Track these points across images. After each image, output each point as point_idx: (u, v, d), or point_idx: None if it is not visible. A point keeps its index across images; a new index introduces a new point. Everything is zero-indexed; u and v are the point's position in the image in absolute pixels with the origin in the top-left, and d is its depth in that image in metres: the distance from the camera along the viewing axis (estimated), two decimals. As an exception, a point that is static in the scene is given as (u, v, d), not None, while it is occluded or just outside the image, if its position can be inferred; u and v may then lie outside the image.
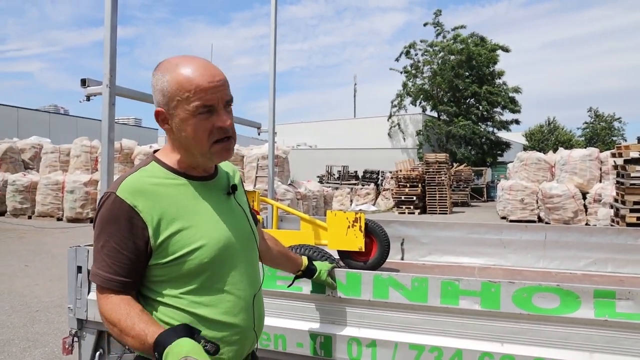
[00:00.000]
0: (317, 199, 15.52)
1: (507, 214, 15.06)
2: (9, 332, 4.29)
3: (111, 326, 1.06)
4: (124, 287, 1.09)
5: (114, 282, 1.08)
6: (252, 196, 3.73)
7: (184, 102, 1.11)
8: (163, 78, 1.13)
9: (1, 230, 11.25)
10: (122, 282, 1.08)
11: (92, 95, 2.40)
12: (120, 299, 1.08)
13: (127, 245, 1.08)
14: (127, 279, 1.09)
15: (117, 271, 1.08)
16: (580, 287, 1.56)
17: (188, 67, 1.12)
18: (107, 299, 1.08)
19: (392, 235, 3.94)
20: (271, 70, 4.35)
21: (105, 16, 2.33)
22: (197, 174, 1.20)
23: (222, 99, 1.14)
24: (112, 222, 1.08)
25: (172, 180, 1.16)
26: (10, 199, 13.82)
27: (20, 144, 16.15)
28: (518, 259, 3.72)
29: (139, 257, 1.09)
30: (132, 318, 1.04)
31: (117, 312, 1.05)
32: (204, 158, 1.17)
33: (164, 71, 1.14)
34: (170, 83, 1.11)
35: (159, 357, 0.95)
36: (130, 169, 1.18)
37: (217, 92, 1.13)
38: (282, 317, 1.91)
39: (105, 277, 1.08)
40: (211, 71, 1.14)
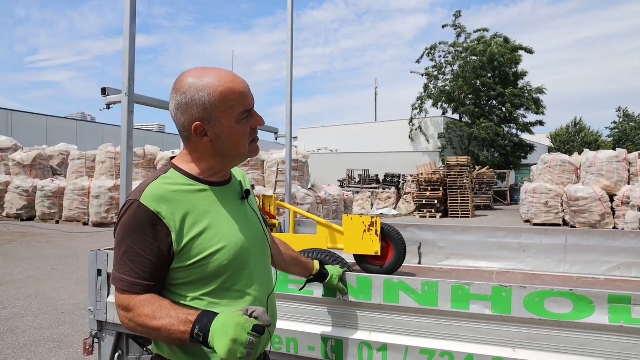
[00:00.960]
0: (337, 203, 15.52)
1: (531, 218, 14.76)
2: (36, 333, 4.43)
3: (142, 318, 1.08)
4: (148, 290, 1.13)
5: (138, 286, 1.12)
6: (269, 201, 3.78)
7: (229, 111, 1.16)
8: (200, 93, 1.15)
9: (30, 234, 11.62)
10: (146, 286, 1.12)
11: (112, 103, 2.48)
12: (149, 295, 1.12)
13: (151, 250, 1.11)
14: (151, 282, 1.13)
15: (141, 275, 1.11)
16: (594, 292, 1.53)
17: (225, 78, 1.17)
18: (133, 299, 1.11)
19: (409, 239, 3.93)
20: (288, 76, 4.40)
21: (124, 28, 2.41)
22: (214, 180, 1.25)
23: (254, 101, 1.23)
24: (137, 228, 1.12)
25: (191, 186, 1.20)
26: (39, 204, 14.26)
27: (49, 150, 16.65)
28: (538, 263, 3.66)
29: (162, 262, 1.13)
30: (166, 308, 1.08)
31: (150, 304, 1.09)
32: (242, 159, 1.25)
33: (201, 89, 1.15)
34: (212, 96, 1.15)
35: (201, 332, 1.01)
36: (150, 176, 1.22)
37: (250, 96, 1.21)
38: (294, 321, 1.93)
39: (130, 281, 1.11)
40: (239, 78, 1.20)
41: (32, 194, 14.52)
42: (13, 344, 4.14)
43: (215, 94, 1.15)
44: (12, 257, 8.45)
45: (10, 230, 12.40)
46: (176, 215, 1.13)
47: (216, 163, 1.23)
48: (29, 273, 7.01)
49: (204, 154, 1.22)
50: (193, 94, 1.16)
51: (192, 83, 1.17)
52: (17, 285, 6.30)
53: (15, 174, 15.47)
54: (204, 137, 1.19)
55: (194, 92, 1.16)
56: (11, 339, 4.28)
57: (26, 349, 4.02)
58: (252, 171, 14.24)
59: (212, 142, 1.19)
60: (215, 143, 1.19)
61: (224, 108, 1.16)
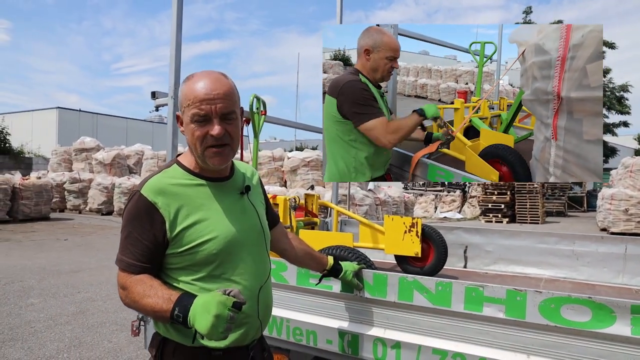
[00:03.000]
0: (397, 205, 15.35)
1: (608, 226, 13.71)
2: (103, 316, 4.85)
3: (134, 295, 1.21)
4: (143, 271, 1.25)
5: (135, 267, 1.25)
6: (311, 200, 3.86)
7: (187, 109, 1.28)
8: (182, 85, 1.32)
9: (107, 227, 12.62)
10: (142, 267, 1.25)
11: (160, 106, 2.68)
12: (143, 275, 1.24)
13: (147, 236, 1.24)
14: (147, 264, 1.25)
15: (138, 258, 1.25)
16: (615, 301, 1.46)
17: (197, 80, 1.28)
18: (129, 277, 1.25)
19: (455, 242, 3.84)
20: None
21: (170, 36, 2.60)
22: (212, 176, 1.35)
23: (217, 111, 1.26)
24: (136, 216, 1.26)
25: (190, 181, 1.32)
26: (117, 200, 15.43)
27: (126, 150, 17.98)
28: (593, 272, 3.43)
29: (157, 247, 1.25)
30: (155, 287, 1.20)
31: (142, 283, 1.22)
32: (200, 160, 1.32)
33: (185, 81, 1.32)
34: (182, 91, 1.30)
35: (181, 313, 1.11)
36: (156, 170, 1.36)
37: (212, 103, 1.25)
38: (313, 314, 1.99)
39: (129, 262, 1.25)
40: (213, 85, 1.26)
41: (110, 191, 15.74)
42: (83, 324, 4.56)
43: (183, 90, 1.29)
44: (91, 247, 9.25)
45: (91, 223, 13.55)
46: (171, 206, 1.25)
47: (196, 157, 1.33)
48: (103, 262, 7.64)
49: (189, 147, 1.34)
50: (181, 87, 1.32)
51: (186, 78, 1.32)
52: (91, 272, 6.90)
53: (97, 171, 16.88)
54: (181, 127, 1.33)
55: (181, 84, 1.33)
56: (82, 319, 4.71)
57: (93, 329, 4.42)
58: (312, 172, 14.46)
59: (185, 134, 1.32)
60: (185, 135, 1.32)
61: (185, 104, 1.28)
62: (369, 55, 2.58)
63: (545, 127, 2.41)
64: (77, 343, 4.09)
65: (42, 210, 13.87)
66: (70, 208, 16.39)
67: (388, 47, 2.58)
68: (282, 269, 2.04)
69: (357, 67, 2.63)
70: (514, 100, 3.73)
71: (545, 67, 2.23)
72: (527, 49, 2.34)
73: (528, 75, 2.40)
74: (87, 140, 18.18)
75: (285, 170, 14.95)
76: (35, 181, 13.93)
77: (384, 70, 2.61)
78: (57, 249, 8.85)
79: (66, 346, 4.01)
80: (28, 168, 23.22)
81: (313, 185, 13.64)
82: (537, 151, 2.55)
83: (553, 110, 2.25)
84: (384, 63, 2.59)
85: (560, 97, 2.21)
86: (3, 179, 13.04)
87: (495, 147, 3.17)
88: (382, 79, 2.65)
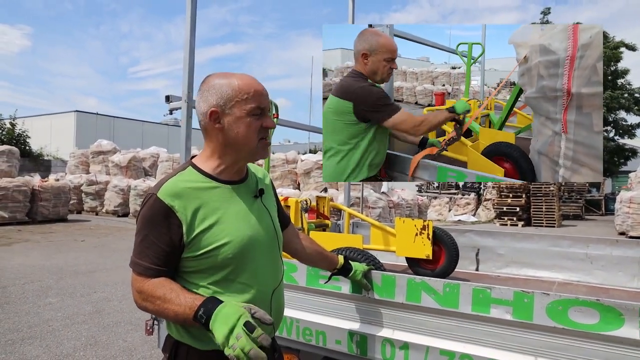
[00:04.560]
0: (410, 207, 15.30)
1: (626, 230, 13.47)
2: (118, 315, 4.93)
3: (154, 299, 1.22)
4: (160, 274, 1.26)
5: (152, 270, 1.25)
6: (323, 202, 3.89)
7: (242, 103, 1.29)
8: (221, 82, 1.31)
9: (124, 229, 12.81)
10: (158, 271, 1.25)
11: (173, 109, 2.73)
12: (162, 279, 1.25)
13: (164, 239, 1.24)
14: (163, 268, 1.26)
15: (154, 261, 1.25)
16: (623, 304, 1.45)
17: (245, 77, 1.33)
18: (147, 281, 1.25)
19: (467, 244, 3.83)
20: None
21: (184, 41, 2.65)
22: (228, 179, 1.36)
23: (268, 105, 1.35)
24: (153, 219, 1.25)
25: (206, 184, 1.32)
26: (132, 202, 15.65)
27: (142, 153, 18.23)
28: (607, 276, 3.39)
29: (174, 250, 1.26)
30: (176, 291, 1.21)
31: (162, 287, 1.22)
32: (250, 153, 1.34)
33: (221, 78, 1.32)
34: (231, 87, 1.29)
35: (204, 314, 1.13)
36: (170, 173, 1.36)
37: (267, 98, 1.34)
38: (323, 315, 2.02)
39: (144, 265, 1.25)
40: (259, 83, 1.35)
41: (126, 193, 15.98)
42: (98, 324, 4.65)
43: (232, 85, 1.30)
44: (107, 248, 9.40)
45: (107, 224, 13.77)
46: (188, 209, 1.25)
47: (227, 156, 1.34)
48: (119, 263, 7.77)
49: (216, 146, 1.34)
50: (214, 84, 1.31)
51: (216, 77, 1.34)
52: (107, 273, 7.02)
53: (113, 174, 17.14)
54: (217, 124, 1.31)
55: (215, 83, 1.32)
56: (98, 318, 4.81)
57: (108, 329, 4.50)
58: (325, 174, 14.48)
59: (223, 131, 1.31)
60: (226, 132, 1.31)
61: (238, 99, 1.29)
62: (366, 59, 2.59)
63: (553, 122, 2.47)
64: (93, 342, 4.17)
65: (60, 211, 14.14)
66: (87, 210, 16.69)
67: (385, 48, 2.59)
68: (292, 270, 2.07)
69: (358, 70, 2.66)
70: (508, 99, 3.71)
71: (552, 66, 2.30)
72: (531, 50, 2.37)
73: (532, 74, 2.45)
74: (104, 143, 18.49)
75: (299, 173, 15.01)
76: (53, 183, 14.23)
77: (384, 72, 2.63)
78: (75, 250, 9.02)
79: (82, 345, 4.10)
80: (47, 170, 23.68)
81: (326, 188, 13.66)
82: (544, 145, 2.60)
83: (562, 106, 2.33)
84: (383, 65, 2.60)
85: (571, 93, 2.28)
86: (23, 181, 13.33)
87: (498, 144, 3.20)
88: (382, 80, 2.67)
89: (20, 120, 26.77)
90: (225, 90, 1.29)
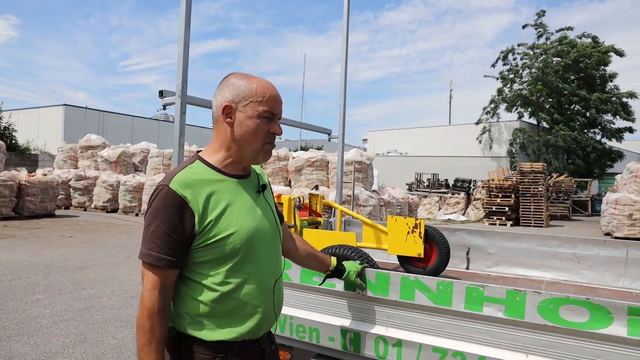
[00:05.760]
0: (401, 206, 15.36)
1: (612, 230, 13.68)
2: (108, 312, 4.90)
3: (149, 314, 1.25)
4: (171, 265, 1.27)
5: (164, 261, 1.26)
6: (316, 199, 3.90)
7: (256, 104, 1.34)
8: (241, 81, 1.36)
9: (112, 225, 12.70)
10: (170, 261, 1.27)
11: (167, 104, 2.72)
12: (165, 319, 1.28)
13: (177, 230, 1.26)
14: (174, 258, 1.27)
15: (167, 251, 1.26)
16: (612, 303, 1.48)
17: (264, 82, 1.38)
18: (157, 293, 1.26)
19: (458, 243, 3.87)
20: (342, 80, 4.50)
21: (179, 36, 2.64)
22: (235, 173, 1.40)
23: (280, 112, 1.39)
24: (165, 210, 1.27)
25: (214, 176, 1.35)
26: (122, 198, 15.53)
27: (132, 148, 18.08)
28: (594, 276, 3.45)
29: (186, 240, 1.28)
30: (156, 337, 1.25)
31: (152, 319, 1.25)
32: (253, 154, 1.37)
33: (242, 78, 1.37)
34: (249, 87, 1.35)
35: None
36: (178, 166, 1.39)
37: (280, 105, 1.39)
38: (316, 312, 2.02)
39: (157, 256, 1.26)
40: (276, 90, 1.40)
41: (116, 188, 15.85)
42: (88, 320, 4.61)
43: (250, 86, 1.35)
44: (96, 244, 9.32)
45: (96, 220, 13.64)
46: (199, 199, 1.29)
47: (234, 151, 1.37)
48: (107, 259, 7.71)
49: (224, 140, 1.38)
50: (233, 82, 1.37)
51: (237, 76, 1.38)
52: (96, 269, 6.96)
53: (102, 169, 16.99)
54: (227, 118, 1.35)
55: (235, 81, 1.37)
56: (87, 315, 4.77)
57: (98, 326, 4.47)
58: (316, 172, 14.50)
59: (232, 127, 1.35)
60: (235, 128, 1.35)
61: (253, 99, 1.33)
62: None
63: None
64: (82, 339, 4.14)
65: (47, 207, 13.98)
66: (75, 205, 16.51)
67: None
68: (287, 267, 2.07)
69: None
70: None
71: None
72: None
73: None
74: (93, 137, 18.31)
75: (290, 170, 15.00)
76: (41, 178, 14.05)
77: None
78: (63, 246, 8.93)
79: (71, 342, 4.07)
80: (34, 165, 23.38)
81: (317, 185, 13.67)
82: None
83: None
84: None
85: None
86: (9, 176, 13.15)
87: None
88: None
89: (7, 113, 26.39)
90: (243, 89, 1.34)
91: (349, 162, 13.13)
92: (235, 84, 1.35)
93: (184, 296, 1.32)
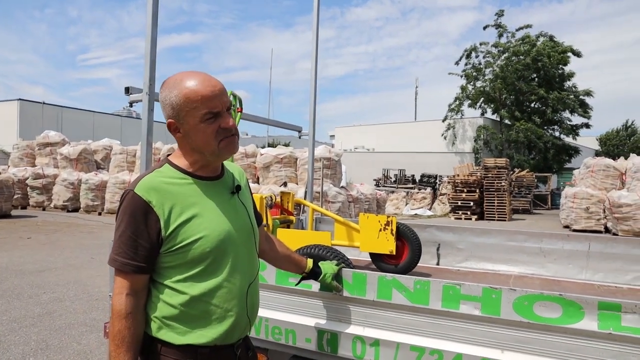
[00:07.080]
0: (369, 202, 15.49)
1: (570, 223, 14.25)
2: (71, 317, 4.71)
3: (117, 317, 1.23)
4: (138, 270, 1.24)
5: (130, 266, 1.24)
6: (287, 197, 3.86)
7: (193, 112, 1.27)
8: (171, 94, 1.29)
9: (74, 225, 12.25)
10: (137, 267, 1.24)
11: (134, 102, 2.62)
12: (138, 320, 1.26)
13: (142, 234, 1.23)
14: (141, 263, 1.24)
15: (133, 257, 1.23)
16: (583, 298, 1.52)
17: (191, 81, 1.28)
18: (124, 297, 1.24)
19: (429, 239, 3.91)
20: (312, 76, 4.47)
21: (146, 32, 2.54)
22: (204, 175, 1.35)
23: (224, 105, 1.30)
24: (130, 215, 1.24)
25: (182, 180, 1.31)
26: (84, 197, 15.00)
27: (93, 145, 17.47)
28: (559, 269, 3.57)
29: (152, 245, 1.25)
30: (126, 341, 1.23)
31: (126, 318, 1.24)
32: (214, 156, 1.33)
33: (171, 88, 1.29)
34: (178, 97, 1.27)
35: None
36: (147, 170, 1.36)
37: (219, 99, 1.29)
38: (292, 313, 2.00)
39: (123, 261, 1.24)
40: (211, 82, 1.29)
41: (77, 187, 15.28)
42: (50, 326, 4.42)
43: (180, 95, 1.27)
44: (56, 245, 8.96)
45: (56, 220, 13.12)
46: (165, 204, 1.25)
47: (199, 157, 1.33)
48: (69, 261, 7.42)
49: (186, 149, 1.34)
50: (166, 95, 1.30)
51: (168, 85, 1.30)
52: (58, 272, 6.69)
53: (62, 167, 16.34)
54: (177, 133, 1.31)
55: (167, 93, 1.29)
56: (49, 321, 4.57)
57: (61, 331, 4.29)
58: (285, 168, 14.44)
59: (184, 138, 1.31)
60: (186, 139, 1.31)
61: (188, 108, 1.27)
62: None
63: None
64: (44, 346, 3.97)
65: (2, 207, 13.32)
66: (33, 205, 15.82)
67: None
68: (262, 269, 2.03)
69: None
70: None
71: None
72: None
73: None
74: (51, 134, 17.56)
75: (258, 167, 14.87)
76: (-5, 177, 13.37)
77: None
78: (20, 248, 8.54)
79: (32, 350, 3.89)
80: (-13, 163, 22.23)
81: (286, 182, 13.61)
82: None
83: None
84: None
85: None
86: (-39, 175, 12.46)
87: None
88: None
89: (-43, 108, 24.98)
90: (175, 102, 1.28)
91: (318, 159, 13.13)
92: (167, 98, 1.29)
93: (154, 299, 1.29)
